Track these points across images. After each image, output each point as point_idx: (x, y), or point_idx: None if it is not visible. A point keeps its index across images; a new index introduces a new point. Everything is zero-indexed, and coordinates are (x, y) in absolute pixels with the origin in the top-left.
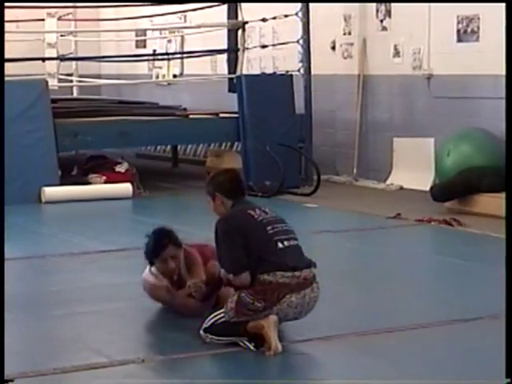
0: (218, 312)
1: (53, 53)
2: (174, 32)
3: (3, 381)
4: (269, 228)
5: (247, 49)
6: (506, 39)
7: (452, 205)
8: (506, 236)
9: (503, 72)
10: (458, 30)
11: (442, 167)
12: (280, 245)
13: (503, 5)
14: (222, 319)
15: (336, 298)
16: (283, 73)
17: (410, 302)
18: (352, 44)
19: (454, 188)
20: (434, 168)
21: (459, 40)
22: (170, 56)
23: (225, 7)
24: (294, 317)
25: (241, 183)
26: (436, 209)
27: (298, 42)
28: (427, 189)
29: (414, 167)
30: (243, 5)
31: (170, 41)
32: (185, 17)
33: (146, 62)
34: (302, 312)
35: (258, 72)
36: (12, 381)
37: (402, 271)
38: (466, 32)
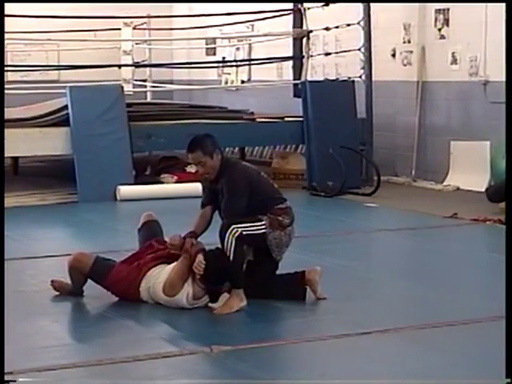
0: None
1: (128, 60)
2: (242, 40)
3: (3, 381)
4: (262, 174)
5: (311, 56)
6: (506, 39)
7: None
8: (506, 236)
9: None
10: None
11: (497, 169)
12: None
13: None
14: (256, 231)
15: (395, 292)
16: (345, 79)
17: (465, 298)
18: (411, 52)
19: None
20: (490, 170)
21: None
22: (238, 63)
23: (290, 17)
24: (286, 244)
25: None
26: (491, 209)
27: (359, 49)
28: (483, 190)
29: (470, 169)
30: (308, 14)
31: (238, 48)
32: (252, 26)
33: (215, 69)
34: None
35: (321, 78)
36: (14, 381)
37: (457, 268)
38: None
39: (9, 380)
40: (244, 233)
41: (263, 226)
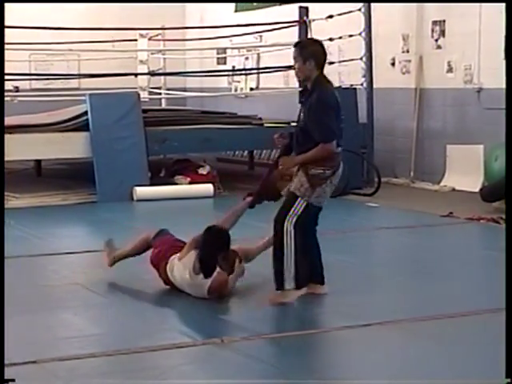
0: (291, 203)
1: (144, 69)
2: (251, 50)
3: (3, 380)
4: (341, 113)
5: None
6: (506, 39)
7: (499, 205)
8: (506, 236)
9: None
10: None
11: (490, 171)
12: (341, 125)
13: None
14: (301, 208)
15: (394, 287)
16: (348, 86)
17: (461, 291)
18: (410, 61)
19: (501, 190)
20: (483, 172)
21: None
22: (247, 71)
23: (296, 28)
24: (336, 183)
25: (325, 56)
26: (484, 208)
27: (361, 58)
28: (477, 190)
29: (464, 171)
30: (312, 26)
31: (247, 58)
32: (261, 37)
33: (225, 77)
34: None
35: None
36: (13, 380)
37: (453, 264)
38: None
39: (8, 379)
40: (295, 219)
41: (304, 199)
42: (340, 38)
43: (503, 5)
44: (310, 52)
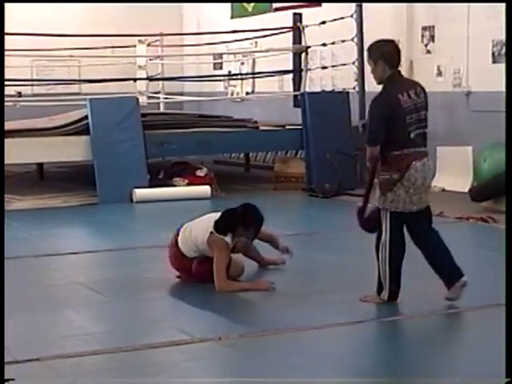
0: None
1: (143, 74)
2: (247, 55)
3: (3, 380)
4: (408, 117)
5: (309, 69)
6: (506, 39)
7: (488, 204)
8: (506, 236)
9: None
10: (493, 53)
11: (479, 172)
12: (412, 135)
13: None
14: (387, 220)
15: None
16: (341, 90)
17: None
18: (400, 65)
19: (490, 190)
20: (472, 172)
21: (494, 61)
22: (243, 76)
23: (290, 34)
24: (421, 182)
25: (400, 55)
26: (474, 208)
27: (353, 63)
28: (466, 190)
29: (454, 172)
30: (306, 31)
31: (243, 63)
32: (256, 42)
33: (222, 82)
34: (425, 177)
35: (318, 89)
36: (13, 380)
37: None
38: (500, 54)
39: (8, 379)
40: (389, 232)
41: (385, 209)
42: (333, 43)
43: (491, 10)
44: (379, 53)
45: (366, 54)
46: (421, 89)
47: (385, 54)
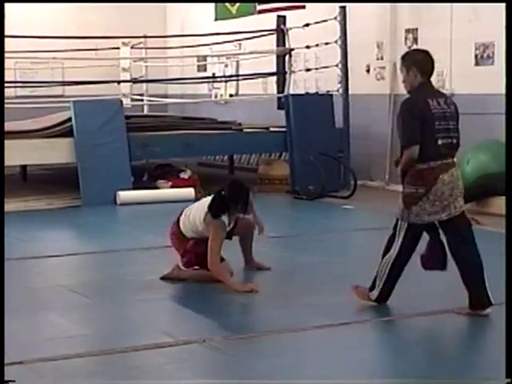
0: (396, 228)
1: (127, 76)
2: (231, 58)
3: (3, 381)
4: (436, 123)
5: (293, 72)
6: (506, 39)
7: (471, 206)
8: (506, 236)
9: None
10: (476, 55)
11: (462, 174)
12: (439, 142)
13: None
14: (404, 230)
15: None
16: (324, 92)
17: (434, 290)
18: (384, 67)
19: (473, 192)
20: None
21: (477, 64)
22: (227, 78)
23: (274, 36)
24: (449, 194)
25: (433, 64)
26: None
27: (337, 65)
28: None
29: None
30: (290, 34)
31: (226, 65)
32: (240, 45)
33: (206, 84)
34: (453, 188)
35: (302, 92)
36: (13, 381)
37: None
38: (483, 57)
39: (8, 380)
40: (402, 249)
41: (404, 221)
42: (317, 45)
43: (473, 13)
44: (411, 61)
45: (399, 62)
46: (451, 102)
47: (417, 61)
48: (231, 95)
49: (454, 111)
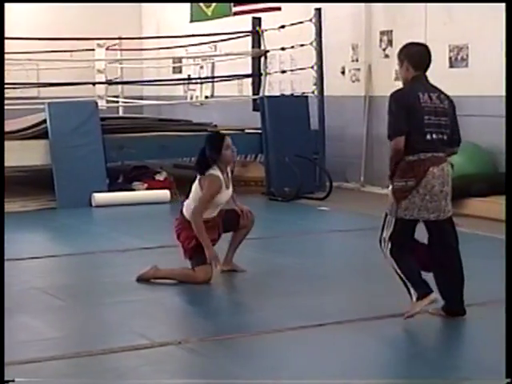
0: (385, 223)
1: (102, 78)
2: (206, 59)
3: (3, 381)
4: (426, 118)
5: (268, 74)
6: (506, 39)
7: None
8: (506, 236)
9: (489, 93)
10: (450, 58)
11: None
12: (428, 136)
13: (490, 35)
14: (391, 225)
15: (346, 287)
16: (300, 94)
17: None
18: (359, 69)
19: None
20: None
21: (451, 66)
22: (203, 80)
23: (249, 38)
24: (439, 189)
25: (428, 58)
26: None
27: (312, 67)
28: None
29: None
30: (265, 36)
31: (202, 67)
32: (215, 46)
33: (181, 86)
34: (443, 183)
35: (278, 93)
36: (13, 381)
37: None
38: (457, 59)
39: (9, 380)
40: (389, 242)
41: (392, 216)
42: (292, 47)
43: (447, 16)
44: (404, 54)
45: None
46: (446, 97)
47: (409, 55)
48: (207, 97)
49: (448, 107)
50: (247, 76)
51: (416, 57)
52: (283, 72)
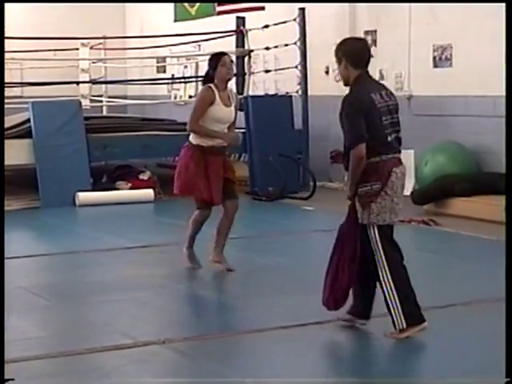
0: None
1: (86, 77)
2: (190, 59)
3: (3, 380)
4: (383, 118)
5: (253, 73)
6: (506, 39)
7: (429, 207)
8: (506, 237)
9: (473, 93)
10: (434, 57)
11: (420, 175)
12: (388, 138)
13: (473, 35)
14: (377, 235)
15: None
16: (284, 94)
17: None
18: None
19: (431, 193)
20: (414, 176)
21: (435, 66)
22: (186, 79)
23: (233, 38)
24: (401, 191)
25: (367, 54)
26: (416, 211)
27: (296, 67)
28: (408, 194)
29: None
30: (249, 35)
31: (186, 66)
32: (199, 46)
33: (165, 85)
34: (403, 185)
35: (262, 93)
36: (13, 379)
37: None
38: (441, 59)
39: (8, 379)
40: (382, 252)
41: (371, 224)
42: (276, 47)
43: (431, 16)
44: (341, 52)
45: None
46: (390, 92)
47: (347, 52)
48: (190, 96)
49: (396, 103)
50: None
51: (354, 54)
52: (267, 71)
